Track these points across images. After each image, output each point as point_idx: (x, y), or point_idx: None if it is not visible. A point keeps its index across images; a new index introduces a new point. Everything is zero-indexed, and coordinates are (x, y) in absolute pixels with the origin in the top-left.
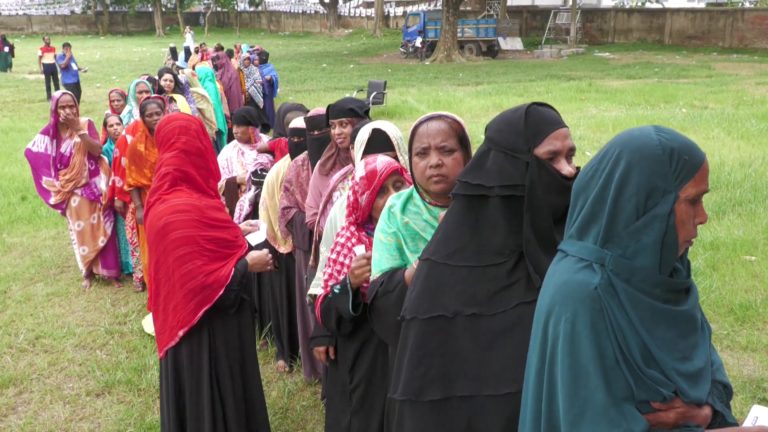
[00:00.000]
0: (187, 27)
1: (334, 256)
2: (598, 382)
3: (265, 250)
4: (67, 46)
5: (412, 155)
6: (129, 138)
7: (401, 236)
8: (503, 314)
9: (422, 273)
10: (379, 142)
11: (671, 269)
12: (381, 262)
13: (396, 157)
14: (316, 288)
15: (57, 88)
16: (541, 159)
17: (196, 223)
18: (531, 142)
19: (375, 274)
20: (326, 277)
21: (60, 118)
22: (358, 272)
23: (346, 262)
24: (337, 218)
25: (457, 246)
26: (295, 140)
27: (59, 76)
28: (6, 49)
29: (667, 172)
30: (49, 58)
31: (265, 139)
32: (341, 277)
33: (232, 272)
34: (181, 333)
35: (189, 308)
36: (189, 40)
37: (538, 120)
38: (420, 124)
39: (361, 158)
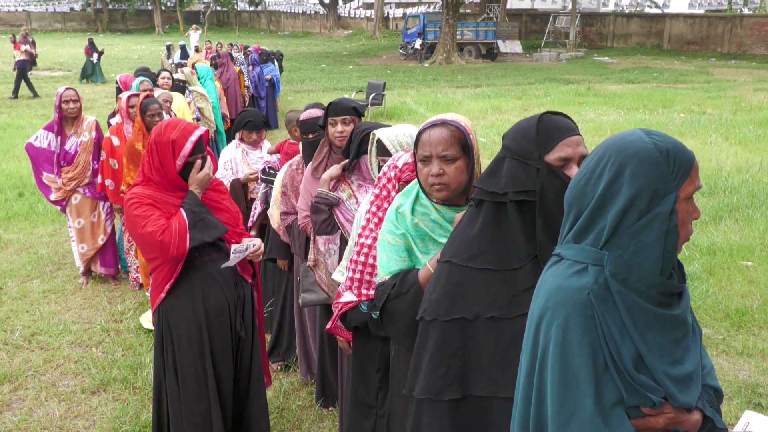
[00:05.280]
0: (194, 26)
1: (362, 258)
2: (588, 389)
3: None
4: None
5: (417, 161)
6: (114, 139)
7: (410, 237)
8: (522, 318)
9: (443, 275)
10: (383, 147)
11: (670, 271)
12: (390, 263)
13: None
14: (339, 275)
15: (28, 83)
16: (552, 165)
17: (144, 197)
18: (542, 149)
19: (384, 275)
20: (352, 284)
21: (64, 114)
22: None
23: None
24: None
25: (478, 250)
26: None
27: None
28: (95, 56)
29: (666, 173)
30: (19, 55)
31: (266, 144)
32: (374, 279)
33: (183, 211)
34: (167, 287)
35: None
36: (194, 38)
37: (549, 128)
38: (423, 131)
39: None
